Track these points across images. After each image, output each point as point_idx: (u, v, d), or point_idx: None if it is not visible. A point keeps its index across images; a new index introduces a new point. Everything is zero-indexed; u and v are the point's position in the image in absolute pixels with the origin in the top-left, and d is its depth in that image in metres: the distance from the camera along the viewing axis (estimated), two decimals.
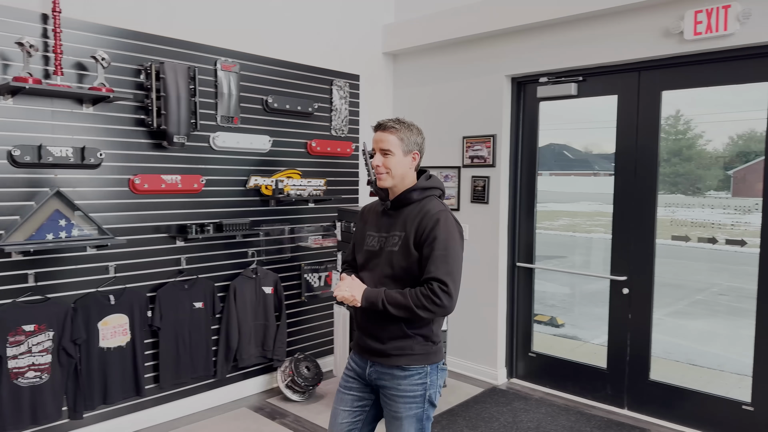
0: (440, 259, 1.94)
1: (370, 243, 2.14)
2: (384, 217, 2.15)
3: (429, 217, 2.01)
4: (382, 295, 1.98)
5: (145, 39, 3.41)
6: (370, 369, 2.12)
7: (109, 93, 3.09)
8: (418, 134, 2.12)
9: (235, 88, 3.84)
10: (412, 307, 1.92)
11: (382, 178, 2.08)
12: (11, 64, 2.93)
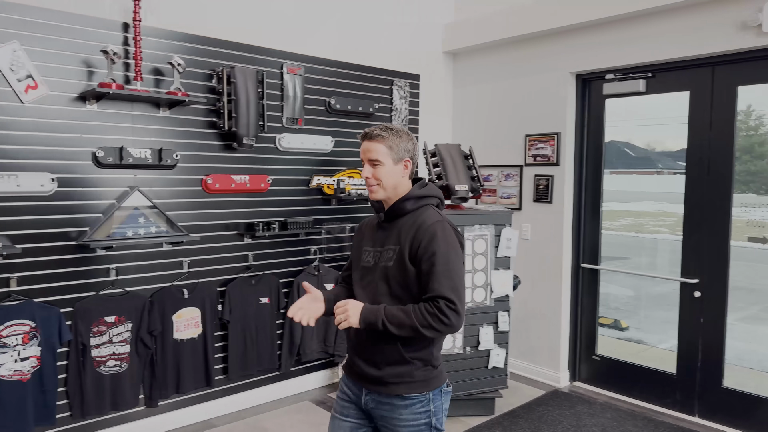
0: (443, 274, 1.80)
1: (366, 258, 2.01)
2: (379, 230, 2.01)
3: (424, 229, 1.86)
4: (382, 314, 1.81)
5: (216, 45, 3.57)
6: (366, 398, 1.95)
7: (185, 97, 3.26)
8: (408, 140, 1.97)
9: (299, 91, 3.96)
10: (417, 327, 1.77)
11: (373, 190, 1.95)
12: (95, 70, 3.13)
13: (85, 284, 3.16)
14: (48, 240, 3.03)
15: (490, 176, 4.71)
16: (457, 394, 3.68)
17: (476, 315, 3.66)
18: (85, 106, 3.10)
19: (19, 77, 2.89)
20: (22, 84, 2.90)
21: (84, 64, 3.10)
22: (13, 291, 2.92)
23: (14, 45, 2.86)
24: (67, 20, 3.02)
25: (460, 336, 3.60)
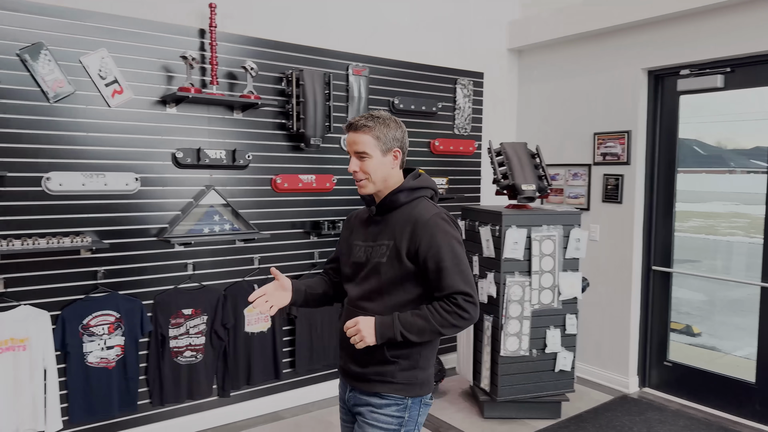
0: (454, 270, 1.74)
1: (357, 254, 1.91)
2: (371, 225, 1.91)
3: (422, 224, 1.77)
4: (399, 325, 1.73)
5: (286, 48, 3.70)
6: (349, 394, 1.93)
7: (257, 100, 3.39)
8: (396, 128, 1.86)
9: (364, 91, 4.03)
10: (438, 330, 1.72)
11: (362, 185, 1.85)
12: (173, 75, 3.31)
13: (165, 278, 3.35)
14: (131, 236, 3.23)
15: (557, 175, 4.64)
16: (522, 397, 3.66)
17: (543, 317, 3.63)
18: (165, 109, 3.29)
19: (107, 82, 3.09)
20: (110, 89, 3.10)
21: (164, 69, 3.28)
22: (100, 283, 3.13)
23: (103, 52, 3.07)
24: (148, 27, 3.21)
25: (527, 338, 3.57)
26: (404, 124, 4.16)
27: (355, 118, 1.85)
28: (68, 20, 2.97)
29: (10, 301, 2.89)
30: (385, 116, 1.85)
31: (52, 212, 2.99)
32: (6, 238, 2.80)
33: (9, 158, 2.85)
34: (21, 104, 2.87)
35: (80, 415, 3.09)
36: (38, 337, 2.93)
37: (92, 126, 3.07)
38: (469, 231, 3.90)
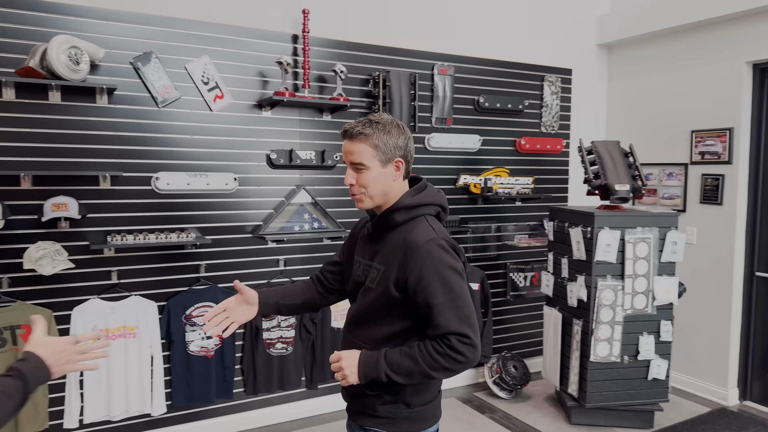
0: (446, 306, 1.52)
1: (357, 272, 1.75)
2: (370, 242, 1.73)
3: (412, 252, 1.56)
4: (384, 365, 1.55)
5: (372, 50, 3.80)
6: (346, 422, 1.82)
7: (346, 102, 3.51)
8: (399, 134, 1.64)
9: (449, 90, 4.07)
10: (428, 372, 1.52)
11: (359, 199, 1.65)
12: (268, 80, 3.49)
13: (259, 273, 3.54)
14: (230, 233, 3.43)
15: (650, 175, 4.47)
16: (612, 404, 3.57)
17: (636, 323, 3.52)
18: (261, 112, 3.47)
19: (209, 88, 3.31)
20: (211, 94, 3.32)
21: (259, 74, 3.46)
22: (202, 276, 3.36)
23: (205, 59, 3.29)
24: (246, 35, 3.40)
25: (618, 344, 3.48)
26: (488, 122, 4.23)
27: (350, 124, 1.64)
28: (175, 29, 3.20)
29: (122, 292, 3.15)
30: (385, 121, 1.64)
31: (160, 210, 3.23)
32: (120, 233, 3.06)
33: (123, 159, 3.12)
34: (134, 109, 3.13)
35: (182, 400, 3.32)
36: (146, 326, 3.18)
37: (196, 129, 3.29)
38: (557, 232, 3.84)
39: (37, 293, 2.95)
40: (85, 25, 2.97)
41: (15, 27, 2.82)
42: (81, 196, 2.97)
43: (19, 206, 2.87)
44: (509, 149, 4.41)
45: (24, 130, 2.88)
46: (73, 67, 2.77)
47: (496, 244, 4.40)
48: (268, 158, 3.50)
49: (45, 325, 1.35)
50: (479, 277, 4.26)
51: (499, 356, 4.19)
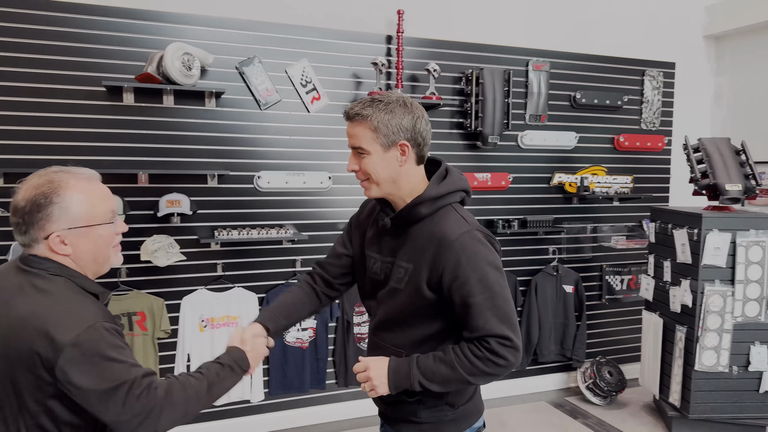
0: (485, 306, 1.40)
1: (373, 269, 1.61)
2: (386, 235, 1.58)
3: (446, 247, 1.43)
4: (417, 373, 1.45)
5: (465, 48, 3.81)
6: (381, 429, 1.72)
7: (439, 101, 3.55)
8: (404, 114, 1.47)
9: (544, 87, 4.00)
10: (467, 379, 1.42)
11: (365, 186, 1.53)
12: (361, 81, 3.59)
13: None
14: (324, 229, 3.57)
15: (764, 174, 4.18)
16: (719, 417, 3.38)
17: (747, 332, 3.30)
18: None
19: (307, 90, 3.45)
20: (309, 96, 3.46)
21: (353, 75, 3.57)
22: (298, 271, 3.52)
23: (304, 62, 3.44)
24: (341, 37, 3.51)
25: (726, 353, 3.29)
26: (585, 119, 4.12)
27: (351, 105, 1.49)
28: (276, 34, 3.37)
29: (226, 283, 3.37)
30: (389, 99, 1.47)
31: (260, 207, 3.42)
32: (225, 229, 3.27)
33: (229, 159, 3.33)
34: (238, 111, 3.33)
35: (278, 388, 3.49)
36: (247, 316, 3.37)
37: (294, 130, 3.45)
38: (659, 234, 3.68)
39: (151, 283, 3.22)
40: (196, 33, 3.20)
41: (133, 36, 3.09)
42: (191, 194, 3.20)
43: (137, 202, 3.14)
44: (607, 147, 4.27)
45: (141, 132, 3.15)
46: (186, 72, 2.99)
47: (591, 245, 4.28)
48: None
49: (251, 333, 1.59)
50: (573, 280, 4.16)
51: (593, 361, 4.07)
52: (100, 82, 2.97)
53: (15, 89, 2.92)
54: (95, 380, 1.20)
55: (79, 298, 1.30)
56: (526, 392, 4.16)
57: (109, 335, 1.25)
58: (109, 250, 1.40)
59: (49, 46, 2.95)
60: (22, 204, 1.29)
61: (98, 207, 1.35)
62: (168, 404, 1.28)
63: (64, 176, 1.33)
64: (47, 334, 1.19)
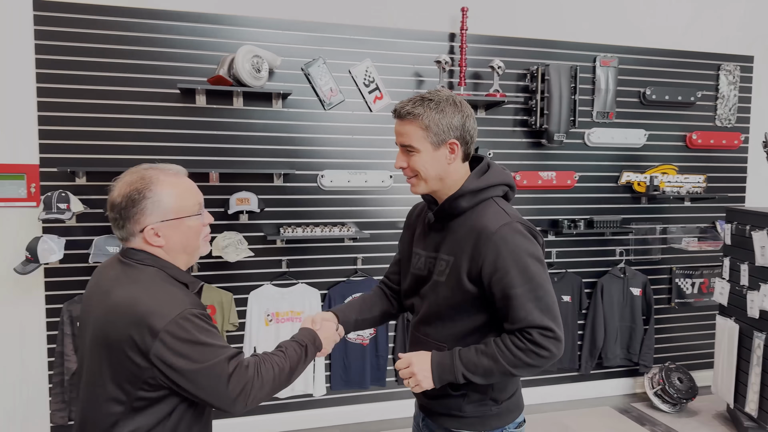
0: (526, 297, 1.41)
1: (417, 265, 1.64)
2: (431, 231, 1.62)
3: (486, 239, 1.44)
4: (460, 366, 1.47)
5: (529, 44, 3.76)
6: (422, 423, 1.72)
7: (503, 98, 3.52)
8: (454, 113, 1.49)
9: (612, 83, 3.90)
10: (510, 371, 1.43)
11: (412, 183, 1.56)
12: (423, 79, 3.61)
13: None
14: (384, 227, 3.61)
15: None
16: None
17: None
18: None
19: (370, 90, 3.51)
20: (372, 95, 3.51)
21: (415, 74, 3.60)
22: (359, 269, 3.58)
23: (367, 62, 3.49)
24: (404, 36, 3.55)
25: None
26: (655, 116, 3.98)
27: (401, 103, 1.52)
28: (340, 35, 3.44)
29: (290, 279, 3.47)
30: (440, 98, 1.50)
31: (323, 205, 3.50)
32: (290, 226, 3.37)
33: (293, 158, 3.42)
34: (304, 112, 3.42)
35: (339, 384, 3.57)
36: (311, 311, 3.46)
37: (356, 129, 3.51)
38: (736, 236, 3.52)
39: (220, 277, 3.35)
40: (264, 35, 3.30)
41: (204, 40, 3.22)
42: (258, 192, 3.31)
43: (208, 200, 3.26)
44: (678, 145, 4.12)
45: (212, 133, 3.28)
46: (255, 74, 3.10)
47: (660, 246, 4.14)
48: None
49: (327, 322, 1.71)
50: (641, 282, 4.04)
51: (661, 367, 3.94)
52: (175, 84, 3.12)
53: (96, 92, 3.11)
54: (190, 362, 1.29)
55: (169, 288, 1.38)
56: (589, 396, 4.07)
57: (198, 320, 1.33)
58: (198, 240, 1.48)
59: (128, 51, 3.13)
60: (118, 200, 1.39)
61: (187, 200, 1.44)
62: (258, 381, 1.37)
63: (155, 173, 1.42)
64: (141, 322, 1.28)
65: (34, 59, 3.02)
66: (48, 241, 2.92)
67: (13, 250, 3.04)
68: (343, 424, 3.62)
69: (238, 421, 3.37)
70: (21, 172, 3.04)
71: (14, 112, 3.04)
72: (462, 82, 3.53)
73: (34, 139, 3.06)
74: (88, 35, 3.07)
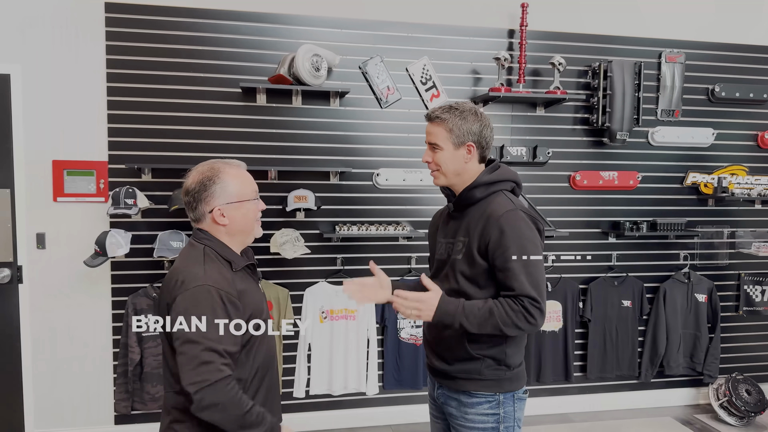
0: (520, 271, 1.71)
1: (439, 251, 1.96)
2: (450, 220, 1.95)
3: (493, 221, 1.75)
4: (461, 313, 1.72)
5: (591, 40, 3.69)
6: (437, 392, 1.96)
7: (564, 96, 3.47)
8: (474, 122, 1.83)
9: (678, 80, 3.78)
10: (500, 326, 1.70)
11: (435, 176, 1.90)
12: (480, 77, 3.59)
13: None
14: None
15: None
16: None
17: None
18: None
19: (427, 87, 3.52)
20: (428, 93, 3.52)
21: (472, 71, 3.59)
22: (413, 268, 3.59)
23: (425, 60, 3.50)
24: (462, 33, 3.55)
25: None
26: (724, 114, 3.84)
27: (433, 108, 1.89)
28: (398, 33, 3.47)
29: (345, 277, 3.51)
30: (465, 108, 1.84)
31: (378, 203, 3.54)
32: (346, 224, 3.42)
33: (349, 156, 3.47)
34: (361, 110, 3.46)
35: (392, 383, 3.60)
36: (364, 311, 3.51)
37: (412, 127, 3.53)
38: None
39: (278, 274, 3.44)
40: (323, 34, 3.37)
41: (265, 39, 3.31)
42: (314, 190, 3.37)
43: (266, 198, 3.34)
44: (749, 144, 3.97)
45: (271, 131, 3.37)
46: (314, 73, 3.16)
47: (728, 251, 3.99)
48: None
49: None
50: (707, 288, 3.91)
51: (728, 378, 3.80)
52: (237, 83, 3.22)
53: (161, 91, 3.24)
54: (179, 331, 1.51)
55: (210, 263, 1.59)
56: (650, 406, 3.97)
57: (216, 299, 1.51)
58: (254, 223, 1.72)
59: (192, 51, 3.24)
60: (192, 186, 1.65)
61: (247, 187, 1.70)
62: (223, 387, 1.47)
63: (222, 165, 1.69)
64: (175, 285, 1.55)
65: (105, 60, 3.18)
66: (115, 236, 3.05)
67: (83, 243, 3.20)
68: (395, 424, 3.65)
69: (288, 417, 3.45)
70: (91, 169, 3.20)
71: (86, 111, 3.20)
72: (521, 79, 3.49)
73: (103, 136, 3.21)
74: (155, 36, 3.20)
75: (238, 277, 1.65)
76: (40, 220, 3.20)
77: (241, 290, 1.61)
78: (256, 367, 1.66)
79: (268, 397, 1.70)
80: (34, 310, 3.24)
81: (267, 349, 1.71)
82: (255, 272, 1.78)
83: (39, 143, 3.17)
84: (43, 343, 3.26)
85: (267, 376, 1.71)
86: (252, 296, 1.66)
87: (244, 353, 1.60)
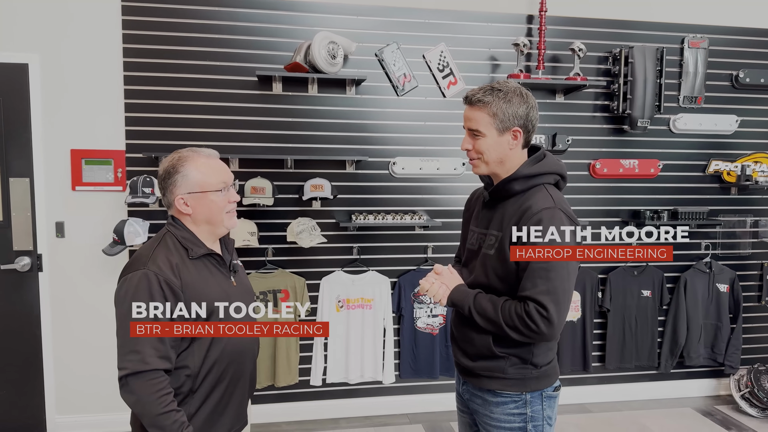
0: (539, 273, 1.59)
1: (471, 240, 1.86)
2: (485, 209, 1.83)
3: (528, 217, 1.64)
4: (471, 300, 1.71)
5: (612, 26, 3.68)
6: (462, 388, 1.92)
7: (584, 82, 3.47)
8: (520, 104, 1.68)
9: (701, 66, 3.76)
10: (502, 325, 1.64)
11: (475, 164, 1.77)
12: (498, 63, 3.60)
13: None
14: (455, 216, 3.64)
15: None
16: None
17: None
18: None
19: (444, 75, 3.53)
20: (446, 81, 3.54)
21: (490, 58, 3.59)
22: (429, 257, 3.63)
23: (441, 47, 3.51)
24: (480, 19, 3.55)
25: None
26: (748, 101, 3.81)
27: (472, 90, 1.74)
28: (414, 19, 3.48)
29: (361, 266, 3.56)
30: (508, 88, 1.70)
31: (394, 192, 3.57)
32: (362, 213, 3.46)
33: (365, 145, 3.50)
34: (377, 98, 3.48)
35: (408, 372, 3.64)
36: (381, 299, 3.55)
37: (429, 116, 3.55)
38: None
39: (294, 263, 3.49)
40: (339, 21, 3.39)
41: (281, 27, 3.34)
42: (330, 179, 3.41)
43: (283, 186, 3.40)
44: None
45: (287, 120, 3.41)
46: (330, 61, 3.19)
47: (751, 241, 3.98)
48: None
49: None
50: (729, 278, 3.90)
51: (750, 368, 3.81)
52: (253, 72, 3.25)
53: (178, 80, 3.28)
54: (118, 313, 1.64)
55: (161, 248, 1.64)
56: (669, 396, 3.98)
57: (153, 285, 1.56)
58: (221, 215, 1.72)
59: (209, 39, 3.28)
60: (161, 173, 1.71)
61: (211, 177, 1.70)
62: (139, 384, 1.55)
63: (189, 153, 1.71)
64: (125, 267, 1.66)
65: (121, 48, 3.23)
66: (134, 224, 3.12)
67: (101, 232, 3.27)
68: (412, 413, 3.70)
69: (305, 405, 3.52)
70: (109, 158, 3.26)
71: (103, 99, 3.25)
72: (540, 65, 3.49)
73: (120, 125, 3.27)
74: (171, 24, 3.24)
75: (194, 265, 1.65)
76: (59, 209, 3.28)
77: (190, 280, 1.61)
78: (213, 360, 1.64)
79: (230, 392, 1.70)
80: (53, 298, 3.32)
81: (234, 343, 1.67)
82: (224, 264, 1.75)
83: (57, 132, 3.23)
84: (62, 330, 3.35)
85: (230, 370, 1.69)
86: (206, 288, 1.64)
87: (196, 345, 1.61)
